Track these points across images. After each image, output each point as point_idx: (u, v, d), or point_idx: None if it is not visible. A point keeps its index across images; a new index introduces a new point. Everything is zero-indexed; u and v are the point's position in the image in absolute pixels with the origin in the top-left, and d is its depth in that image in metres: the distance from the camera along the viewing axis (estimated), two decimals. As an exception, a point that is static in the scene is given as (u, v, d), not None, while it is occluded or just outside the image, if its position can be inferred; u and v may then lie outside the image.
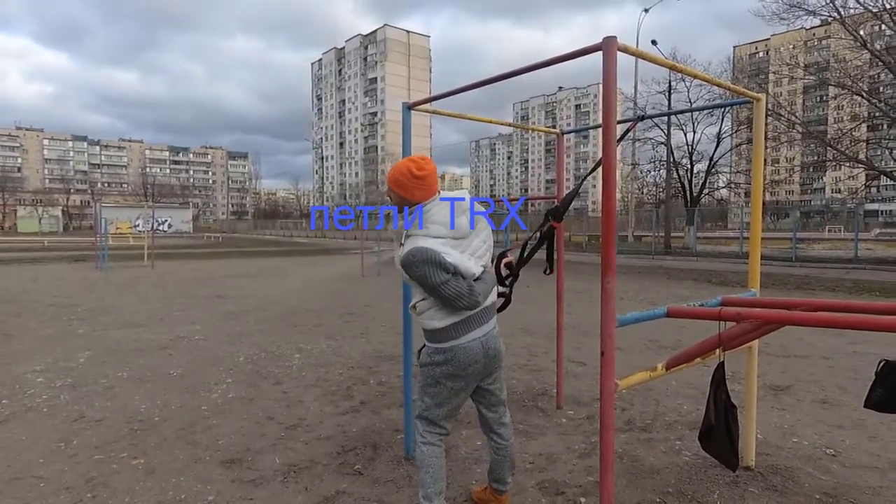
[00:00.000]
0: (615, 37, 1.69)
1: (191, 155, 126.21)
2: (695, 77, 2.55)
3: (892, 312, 1.91)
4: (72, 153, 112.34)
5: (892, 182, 21.88)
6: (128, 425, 3.43)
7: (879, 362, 1.70)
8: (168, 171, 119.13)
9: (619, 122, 2.34)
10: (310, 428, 3.40)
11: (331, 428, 3.40)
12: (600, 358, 1.75)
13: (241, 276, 13.73)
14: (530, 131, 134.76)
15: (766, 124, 4.19)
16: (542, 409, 3.73)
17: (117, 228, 38.39)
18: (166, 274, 14.09)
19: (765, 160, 2.86)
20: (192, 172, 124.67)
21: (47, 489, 2.61)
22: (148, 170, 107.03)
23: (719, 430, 1.97)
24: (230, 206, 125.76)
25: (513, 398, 3.84)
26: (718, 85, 2.77)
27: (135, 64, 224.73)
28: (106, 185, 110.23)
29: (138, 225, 46.93)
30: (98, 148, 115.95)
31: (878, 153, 27.34)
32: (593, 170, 2.32)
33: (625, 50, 1.78)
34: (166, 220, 57.39)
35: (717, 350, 1.98)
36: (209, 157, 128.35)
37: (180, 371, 4.72)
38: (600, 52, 1.72)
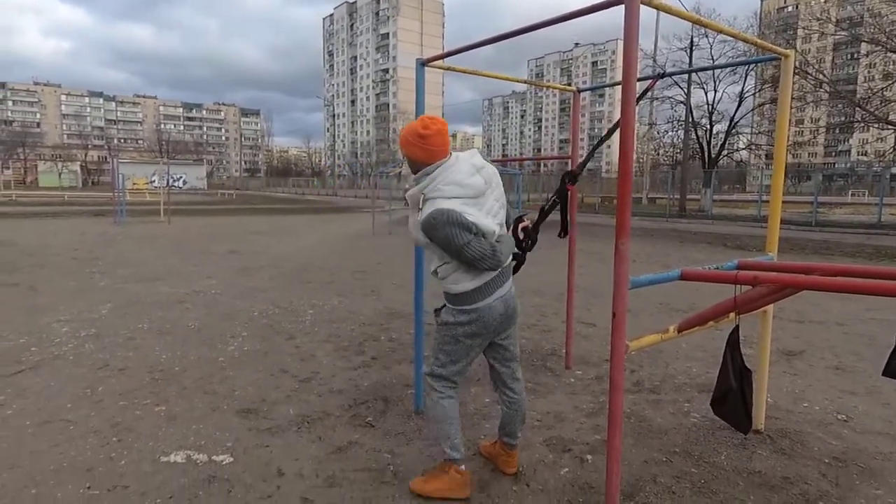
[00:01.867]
0: (639, -13, 1.60)
1: (204, 111, 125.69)
2: (720, 32, 2.43)
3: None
4: (88, 109, 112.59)
5: (923, 145, 21.11)
6: (149, 374, 3.56)
7: None
8: (182, 127, 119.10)
9: (638, 80, 2.26)
10: (323, 381, 3.50)
11: (343, 382, 3.49)
12: (612, 319, 1.75)
13: (255, 232, 13.86)
14: (545, 89, 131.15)
15: (793, 83, 4.03)
16: (550, 369, 3.78)
17: (134, 184, 38.62)
18: (182, 229, 14.27)
19: (789, 121, 2.77)
20: (205, 129, 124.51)
21: (76, 432, 2.74)
22: (162, 126, 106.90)
23: (734, 394, 1.96)
24: (243, 163, 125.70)
25: (522, 358, 3.87)
26: (745, 40, 2.64)
27: (149, 19, 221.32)
28: (122, 140, 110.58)
29: (154, 181, 47.26)
30: (114, 104, 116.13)
31: (910, 114, 26.21)
32: (611, 131, 2.26)
33: (648, 3, 1.70)
34: (181, 177, 57.65)
35: (732, 314, 1.96)
36: (222, 113, 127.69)
37: (197, 324, 4.85)
38: (621, 6, 1.64)
